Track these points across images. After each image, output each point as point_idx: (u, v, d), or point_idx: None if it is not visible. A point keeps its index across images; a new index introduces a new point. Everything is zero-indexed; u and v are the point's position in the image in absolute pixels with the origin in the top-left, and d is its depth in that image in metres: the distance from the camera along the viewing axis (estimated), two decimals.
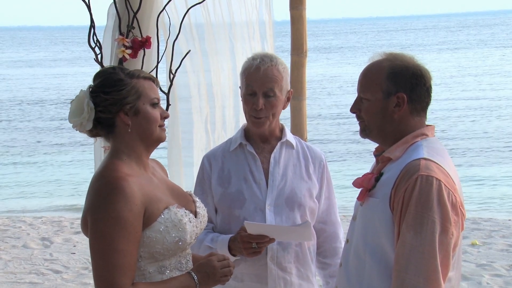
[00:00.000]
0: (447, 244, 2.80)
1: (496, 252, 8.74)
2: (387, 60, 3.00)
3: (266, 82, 3.61)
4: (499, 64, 39.72)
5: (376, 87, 2.97)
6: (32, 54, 63.46)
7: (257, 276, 3.67)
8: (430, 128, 3.02)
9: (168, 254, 2.95)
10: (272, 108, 3.65)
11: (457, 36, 69.72)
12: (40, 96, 32.61)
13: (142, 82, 3.00)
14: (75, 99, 2.98)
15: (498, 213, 11.91)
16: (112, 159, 2.97)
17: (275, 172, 3.71)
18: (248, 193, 3.69)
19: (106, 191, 2.85)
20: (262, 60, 3.64)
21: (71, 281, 7.95)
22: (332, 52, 53.86)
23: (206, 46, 4.63)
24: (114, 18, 4.15)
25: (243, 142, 3.75)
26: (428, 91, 3.00)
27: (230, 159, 3.76)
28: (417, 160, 2.85)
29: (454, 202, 2.82)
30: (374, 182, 2.96)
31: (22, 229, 10.34)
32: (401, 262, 2.78)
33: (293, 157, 3.76)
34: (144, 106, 2.98)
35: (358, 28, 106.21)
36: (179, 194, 3.11)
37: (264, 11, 4.85)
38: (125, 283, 2.82)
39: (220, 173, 3.75)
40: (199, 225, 3.09)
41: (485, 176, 15.27)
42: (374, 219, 2.92)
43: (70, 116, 2.98)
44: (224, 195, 3.72)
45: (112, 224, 2.81)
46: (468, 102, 26.47)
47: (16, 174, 17.35)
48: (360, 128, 3.06)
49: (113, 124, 2.97)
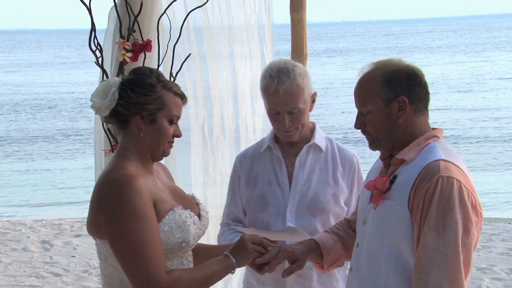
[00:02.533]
0: (469, 244, 2.81)
1: (496, 255, 8.74)
2: (377, 69, 3.00)
3: (287, 102, 3.56)
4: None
5: (375, 97, 2.96)
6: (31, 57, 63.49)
7: (276, 281, 3.64)
8: (439, 130, 3.03)
9: (171, 255, 2.96)
10: (300, 121, 3.61)
11: (472, 39, 69.71)
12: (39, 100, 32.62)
13: (171, 96, 3.01)
14: (105, 82, 3.02)
15: (498, 216, 11.90)
16: (119, 159, 2.99)
17: (299, 176, 3.66)
18: (271, 197, 3.66)
19: (118, 188, 2.85)
20: (280, 79, 3.54)
21: (71, 284, 7.96)
22: (335, 55, 53.81)
23: (205, 49, 4.63)
24: (115, 22, 4.15)
25: (271, 145, 3.72)
26: (426, 88, 3.01)
27: (259, 161, 3.74)
28: (436, 162, 2.85)
29: (474, 203, 2.83)
30: (389, 185, 2.94)
31: (22, 232, 10.35)
32: (424, 263, 2.78)
33: (320, 161, 3.69)
34: (162, 119, 2.99)
35: (359, 31, 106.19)
36: (183, 197, 3.12)
37: (264, 15, 4.84)
38: (161, 272, 2.84)
39: (249, 175, 3.74)
40: (202, 228, 3.10)
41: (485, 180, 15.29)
42: (391, 222, 2.91)
43: (93, 95, 3.01)
44: (250, 197, 3.71)
45: (132, 219, 2.82)
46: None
47: (19, 176, 17.37)
48: (369, 141, 3.04)
49: (127, 122, 2.99)
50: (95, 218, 2.92)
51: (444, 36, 76.84)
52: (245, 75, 4.82)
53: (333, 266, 3.39)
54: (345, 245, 3.35)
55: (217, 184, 4.74)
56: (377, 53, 52.37)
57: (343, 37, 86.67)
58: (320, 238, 3.34)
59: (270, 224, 3.63)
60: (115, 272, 2.97)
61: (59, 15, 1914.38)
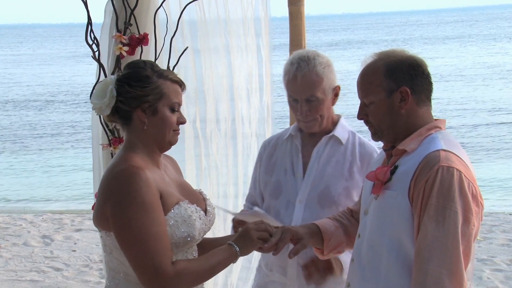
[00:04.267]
0: (469, 234, 2.81)
1: (496, 247, 8.74)
2: (380, 60, 3.00)
3: (305, 89, 3.56)
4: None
5: (377, 88, 2.96)
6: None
7: (281, 268, 3.67)
8: (442, 121, 3.03)
9: (176, 250, 2.96)
10: (318, 111, 3.60)
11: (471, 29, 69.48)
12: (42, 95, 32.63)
13: (169, 84, 3.01)
14: (102, 82, 3.03)
15: (499, 207, 11.90)
16: (127, 151, 2.99)
17: (313, 167, 3.65)
18: (285, 185, 3.67)
19: (126, 179, 2.86)
20: (299, 65, 3.55)
21: (72, 279, 7.96)
22: (336, 48, 53.71)
23: (198, 43, 4.62)
24: (111, 15, 4.14)
25: (293, 133, 3.73)
26: (428, 79, 3.01)
27: (280, 148, 3.75)
28: (436, 152, 2.85)
29: (474, 193, 2.83)
30: (389, 175, 2.95)
31: (23, 227, 10.34)
32: (423, 253, 2.78)
33: (338, 153, 3.67)
34: (164, 108, 2.99)
35: (360, 23, 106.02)
36: (190, 192, 3.13)
37: (260, 8, 4.82)
38: (167, 263, 2.84)
39: (268, 161, 3.76)
40: (208, 223, 3.10)
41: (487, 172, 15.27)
42: (392, 212, 2.91)
43: (93, 97, 3.03)
44: (267, 184, 3.73)
45: (140, 209, 2.82)
46: None
47: (17, 169, 17.38)
48: (371, 132, 3.05)
49: (130, 117, 3.00)
50: (102, 210, 2.92)
51: (457, 26, 76.36)
52: (241, 68, 4.81)
53: (333, 252, 3.39)
54: (347, 232, 3.36)
55: (212, 178, 4.74)
56: (393, 44, 52.19)
57: (349, 29, 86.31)
58: (322, 223, 3.35)
59: (280, 212, 3.63)
60: (119, 265, 2.97)
61: (59, 10, 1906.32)
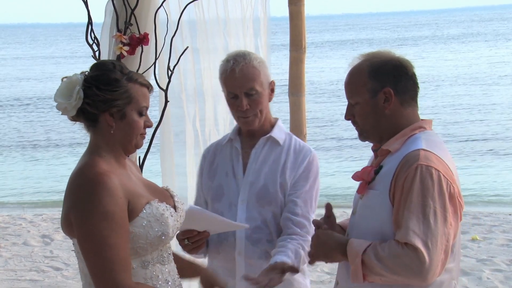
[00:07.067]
0: (448, 234, 2.85)
1: (496, 247, 8.74)
2: (365, 61, 3.05)
3: (244, 82, 3.59)
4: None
5: (361, 89, 3.02)
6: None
7: (228, 270, 3.67)
8: (428, 121, 3.07)
9: (151, 249, 2.92)
10: (258, 106, 3.63)
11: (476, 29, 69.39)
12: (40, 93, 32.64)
13: (137, 88, 2.93)
14: (68, 80, 2.90)
15: (498, 208, 11.91)
16: (91, 155, 2.92)
17: (252, 167, 3.69)
18: (226, 187, 3.71)
19: (90, 187, 2.80)
20: (235, 60, 3.60)
21: (72, 278, 7.97)
22: (333, 48, 53.71)
23: (197, 43, 4.62)
24: (112, 15, 4.15)
25: (232, 137, 3.77)
26: (413, 80, 3.05)
27: (221, 153, 3.79)
28: (416, 151, 2.90)
29: (452, 193, 2.88)
30: (373, 175, 2.99)
31: (23, 227, 10.35)
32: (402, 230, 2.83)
33: (275, 153, 3.70)
34: (132, 112, 2.92)
35: (360, 23, 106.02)
36: (157, 190, 3.08)
37: (260, 8, 4.83)
38: (126, 277, 2.78)
39: (210, 167, 3.79)
40: (179, 219, 3.07)
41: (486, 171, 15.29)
42: (375, 211, 2.96)
43: (57, 95, 2.90)
44: (209, 188, 3.76)
45: (101, 219, 2.76)
46: None
47: (19, 169, 17.39)
48: (358, 132, 3.10)
49: (96, 120, 2.91)
50: (67, 217, 2.87)
51: (467, 26, 76.09)
52: None
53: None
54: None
55: None
56: (395, 43, 52.10)
57: (352, 29, 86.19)
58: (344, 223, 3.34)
59: (223, 214, 3.64)
60: None
61: (59, 9, 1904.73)
